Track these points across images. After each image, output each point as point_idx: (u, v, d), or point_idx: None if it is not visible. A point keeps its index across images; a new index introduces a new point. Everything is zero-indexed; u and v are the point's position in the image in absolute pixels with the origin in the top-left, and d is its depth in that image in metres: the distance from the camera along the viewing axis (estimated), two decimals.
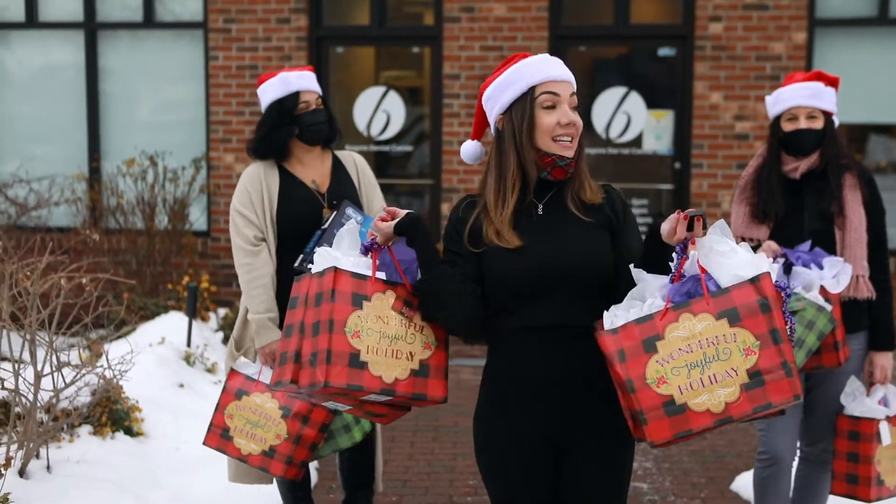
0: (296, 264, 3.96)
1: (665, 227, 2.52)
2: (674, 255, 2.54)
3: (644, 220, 8.70)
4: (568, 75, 2.80)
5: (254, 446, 3.83)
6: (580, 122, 2.75)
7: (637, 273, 2.56)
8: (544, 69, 2.79)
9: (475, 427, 2.84)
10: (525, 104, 2.75)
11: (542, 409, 2.68)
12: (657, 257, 2.58)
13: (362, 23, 9.05)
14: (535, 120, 2.73)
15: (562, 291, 2.68)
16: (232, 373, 3.98)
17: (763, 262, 2.47)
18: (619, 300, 2.60)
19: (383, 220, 2.77)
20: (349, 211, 3.93)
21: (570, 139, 2.72)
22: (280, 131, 4.08)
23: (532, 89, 2.75)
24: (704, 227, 2.49)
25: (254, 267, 4.01)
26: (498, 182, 2.78)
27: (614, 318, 2.55)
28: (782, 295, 2.48)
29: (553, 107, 2.74)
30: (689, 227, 2.47)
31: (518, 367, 2.69)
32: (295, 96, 4.06)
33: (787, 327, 2.44)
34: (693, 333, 2.43)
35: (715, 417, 2.39)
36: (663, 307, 2.47)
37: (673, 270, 2.54)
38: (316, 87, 4.14)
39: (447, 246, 2.88)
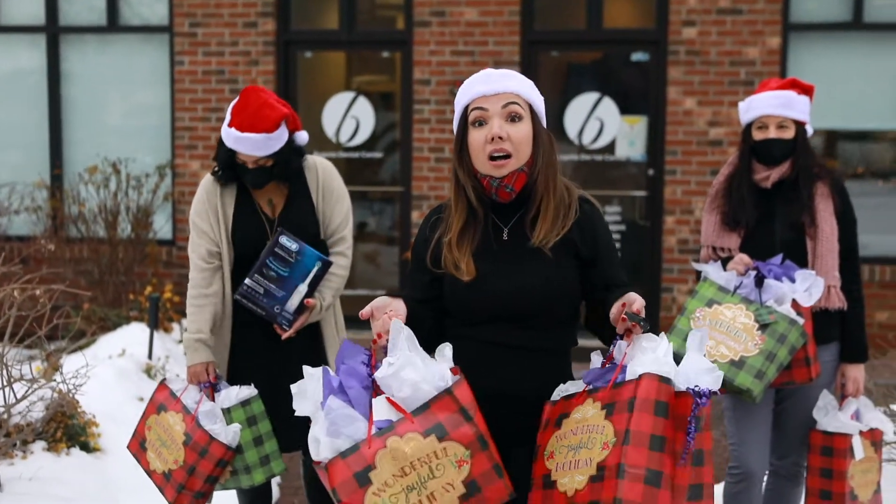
0: (235, 296, 3.95)
1: (612, 312, 2.53)
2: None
3: (617, 228, 8.70)
4: (500, 87, 2.68)
5: (158, 464, 3.88)
6: (518, 135, 2.65)
7: (593, 354, 2.61)
8: (473, 86, 2.72)
9: None
10: (461, 125, 2.72)
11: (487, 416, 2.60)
12: (600, 327, 2.65)
13: (331, 27, 9.02)
14: (466, 139, 2.69)
15: (520, 320, 2.67)
16: (161, 385, 3.99)
17: (661, 366, 2.41)
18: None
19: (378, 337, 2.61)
20: (282, 240, 3.90)
21: (503, 155, 2.64)
22: (225, 170, 4.00)
23: (465, 108, 2.70)
24: (645, 327, 2.50)
25: (199, 285, 4.00)
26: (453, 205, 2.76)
27: (562, 391, 2.60)
28: (693, 402, 2.38)
29: (482, 123, 2.67)
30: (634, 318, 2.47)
31: (470, 375, 2.60)
32: (232, 152, 3.94)
33: (688, 439, 2.36)
34: (584, 417, 2.45)
35: (565, 501, 2.40)
36: (583, 389, 2.52)
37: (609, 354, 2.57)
38: (256, 152, 3.87)
39: (412, 267, 2.87)
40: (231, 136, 3.89)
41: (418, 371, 2.38)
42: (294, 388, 2.55)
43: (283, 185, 4.08)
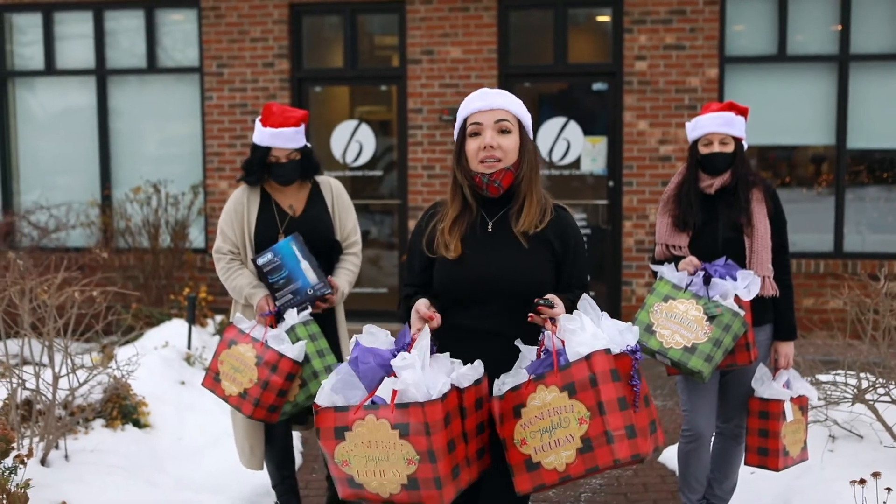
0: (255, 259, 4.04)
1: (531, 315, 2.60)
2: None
3: (584, 231, 8.73)
4: (494, 104, 2.77)
5: (233, 388, 3.89)
6: (507, 145, 2.74)
7: (521, 346, 2.62)
8: (472, 102, 2.80)
9: None
10: (460, 134, 2.81)
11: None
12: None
13: (337, 65, 9.03)
14: (464, 147, 2.78)
15: (496, 302, 2.71)
16: (229, 326, 4.03)
17: (598, 341, 2.45)
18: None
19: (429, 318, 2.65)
20: (259, 262, 3.99)
21: (493, 160, 2.72)
22: (254, 173, 4.11)
23: (465, 121, 2.80)
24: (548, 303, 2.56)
25: (230, 268, 4.12)
26: (449, 200, 2.84)
27: (502, 385, 2.58)
28: (632, 359, 2.47)
29: (477, 134, 2.75)
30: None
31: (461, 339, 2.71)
32: (266, 150, 4.04)
33: (634, 390, 2.43)
34: (545, 403, 2.45)
35: (559, 475, 2.44)
36: (527, 379, 2.50)
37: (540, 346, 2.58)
38: (288, 145, 4.01)
39: (408, 256, 2.91)
40: (268, 134, 4.01)
41: (414, 376, 2.42)
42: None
43: (302, 192, 4.16)
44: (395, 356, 2.50)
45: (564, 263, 2.80)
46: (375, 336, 2.60)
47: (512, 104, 2.79)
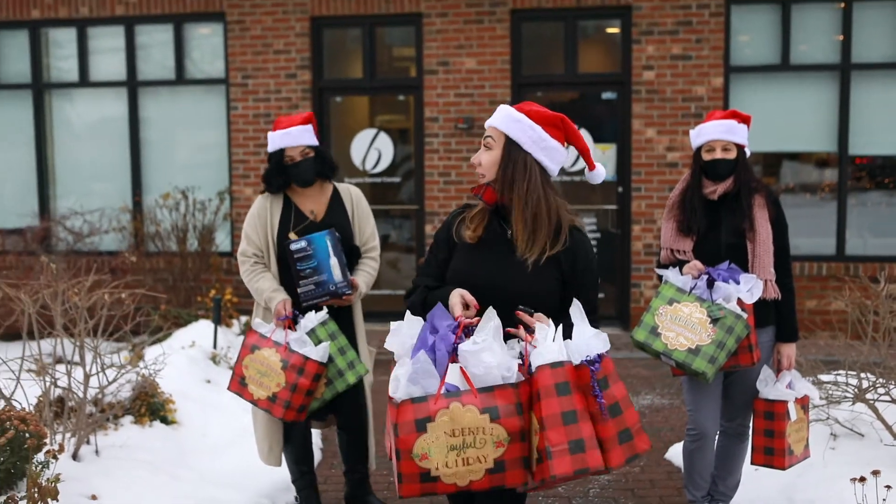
0: (303, 304, 4.02)
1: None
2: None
3: (594, 235, 8.70)
4: (489, 121, 2.77)
5: (261, 392, 3.89)
6: (485, 161, 2.73)
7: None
8: None
9: None
10: None
11: None
12: None
13: (357, 76, 9.04)
14: None
15: (503, 308, 2.57)
16: (250, 331, 4.03)
17: (550, 354, 2.35)
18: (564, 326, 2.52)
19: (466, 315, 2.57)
20: (293, 246, 3.98)
21: (479, 175, 2.75)
22: (274, 179, 4.13)
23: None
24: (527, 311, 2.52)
25: (254, 270, 4.12)
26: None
27: (396, 388, 2.41)
28: (590, 370, 2.37)
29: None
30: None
31: None
32: (280, 152, 4.08)
33: (598, 401, 2.34)
34: (459, 422, 2.32)
35: (457, 488, 2.34)
36: (436, 393, 2.36)
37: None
38: (298, 142, 4.06)
39: (432, 249, 2.89)
40: (278, 136, 4.06)
41: (495, 357, 2.34)
42: (393, 325, 2.53)
43: (322, 197, 4.16)
44: (455, 341, 2.40)
45: (571, 284, 2.72)
46: (412, 325, 2.52)
47: (500, 121, 2.73)
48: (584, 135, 8.59)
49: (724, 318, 3.66)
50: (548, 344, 2.39)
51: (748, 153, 3.98)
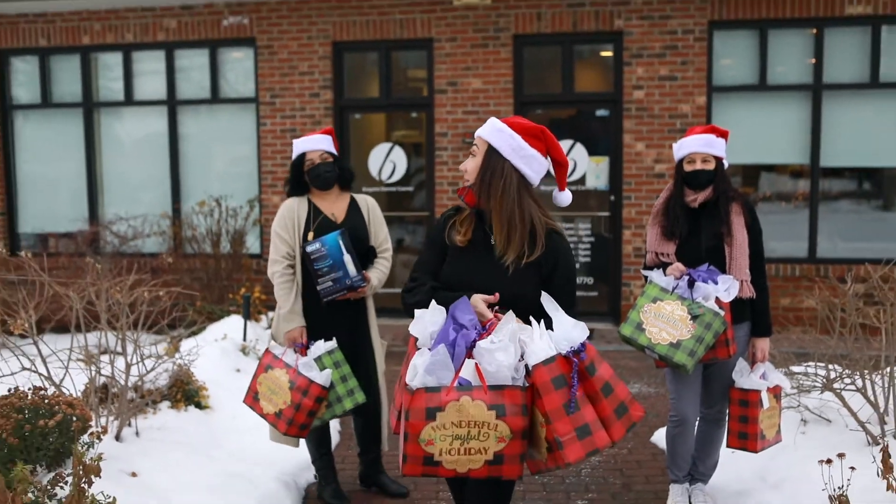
0: (323, 300, 4.02)
1: None
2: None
3: (588, 240, 8.69)
4: (478, 132, 2.74)
5: (270, 407, 3.94)
6: (469, 167, 2.72)
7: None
8: None
9: None
10: None
11: None
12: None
13: (374, 95, 9.04)
14: None
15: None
16: (266, 352, 4.07)
17: (544, 351, 2.30)
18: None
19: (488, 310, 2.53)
20: (309, 248, 3.98)
21: (464, 180, 2.74)
22: (297, 182, 4.16)
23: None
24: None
25: (283, 275, 4.10)
26: None
27: (413, 376, 2.37)
28: (572, 362, 2.32)
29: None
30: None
31: None
32: (301, 156, 4.11)
33: (571, 391, 2.28)
34: (467, 413, 2.28)
35: (456, 473, 2.32)
36: (448, 385, 2.32)
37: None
38: (318, 146, 4.10)
39: (426, 251, 2.83)
40: (300, 143, 4.12)
41: (509, 358, 2.30)
42: (418, 312, 2.49)
43: (341, 202, 4.17)
44: (476, 338, 2.36)
45: (550, 285, 2.64)
46: (435, 314, 2.46)
47: (486, 131, 2.71)
48: (579, 149, 8.57)
49: (703, 315, 3.66)
50: (537, 342, 2.35)
51: (726, 165, 3.97)
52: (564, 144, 8.59)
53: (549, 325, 2.43)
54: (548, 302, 2.47)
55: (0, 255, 8.34)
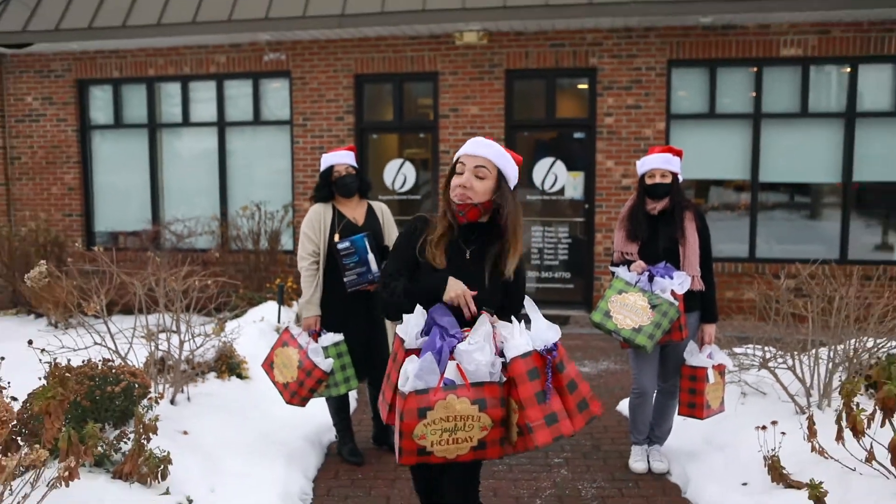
0: (349, 290, 3.99)
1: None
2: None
3: (567, 241, 8.65)
4: (478, 152, 2.48)
5: (280, 378, 3.96)
6: (479, 188, 2.43)
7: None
8: (465, 147, 2.53)
9: None
10: (451, 169, 2.56)
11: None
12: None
13: (388, 119, 9.01)
14: (450, 180, 2.54)
15: (465, 320, 2.42)
16: (286, 330, 4.06)
17: (522, 346, 2.21)
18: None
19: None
20: (339, 246, 3.96)
21: (465, 197, 2.46)
22: (324, 189, 4.13)
23: (457, 159, 2.54)
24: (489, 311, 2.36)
25: (309, 269, 4.08)
26: (439, 218, 2.58)
27: (405, 382, 2.25)
28: (546, 358, 2.24)
29: (461, 173, 2.50)
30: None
31: None
32: (330, 168, 4.08)
33: (546, 383, 2.21)
34: (453, 409, 2.21)
35: (445, 460, 2.25)
36: (436, 386, 2.22)
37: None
38: (344, 161, 4.09)
39: (396, 258, 2.56)
40: (329, 157, 4.10)
41: (486, 357, 2.24)
42: (404, 316, 2.37)
43: (360, 208, 4.15)
44: (457, 343, 2.26)
45: (509, 292, 2.53)
46: (418, 317, 2.35)
47: (495, 156, 2.47)
48: (560, 165, 8.53)
49: (661, 305, 3.64)
50: (517, 338, 2.28)
51: (681, 179, 3.95)
52: (547, 161, 8.57)
53: (527, 325, 2.36)
54: (529, 305, 2.39)
55: (77, 250, 8.36)
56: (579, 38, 8.30)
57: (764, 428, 3.51)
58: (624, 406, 5.12)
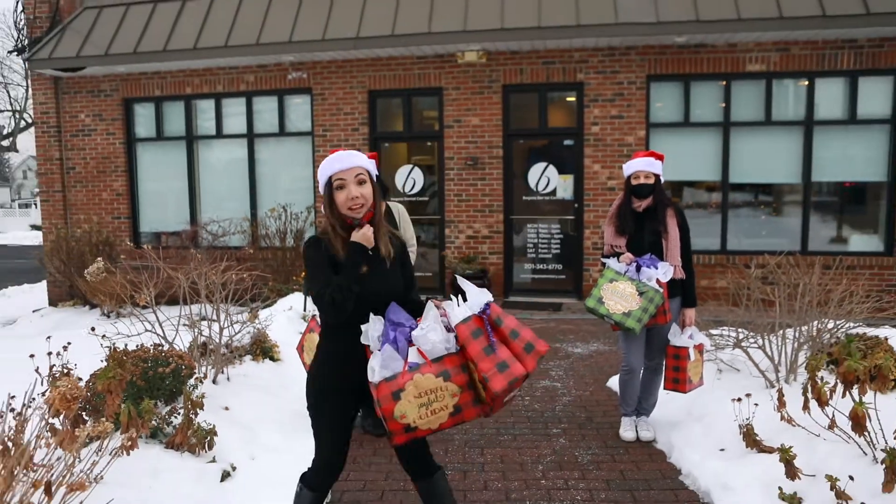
0: None
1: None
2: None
3: (559, 236, 8.64)
4: (353, 164, 2.36)
5: (307, 360, 3.95)
6: (366, 192, 2.35)
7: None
8: (333, 164, 2.38)
9: (312, 377, 2.45)
10: (328, 188, 2.40)
11: (357, 377, 2.35)
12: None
13: (399, 129, 9.00)
14: (333, 197, 2.38)
15: (379, 304, 2.34)
16: (312, 318, 4.08)
17: (461, 313, 2.19)
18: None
19: None
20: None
21: (359, 206, 2.34)
22: None
23: (330, 178, 2.39)
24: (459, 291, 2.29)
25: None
26: (332, 235, 2.43)
27: (373, 373, 2.22)
28: (483, 318, 2.20)
29: (342, 188, 2.34)
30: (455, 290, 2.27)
31: (348, 352, 2.35)
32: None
33: (489, 338, 2.17)
34: (422, 386, 2.18)
35: (432, 431, 2.20)
36: (402, 370, 2.20)
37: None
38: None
39: (317, 266, 2.37)
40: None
41: (438, 335, 2.22)
42: (363, 327, 2.30)
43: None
44: (412, 329, 2.25)
45: (405, 272, 2.50)
46: (376, 324, 2.30)
47: (364, 162, 2.39)
48: (552, 169, 8.53)
49: (647, 292, 3.65)
50: (456, 310, 2.27)
51: (662, 180, 3.94)
52: (540, 166, 8.56)
53: (464, 298, 2.32)
54: (462, 280, 2.35)
55: (128, 248, 8.37)
56: (568, 57, 8.29)
57: (739, 400, 3.52)
58: (614, 382, 5.13)
